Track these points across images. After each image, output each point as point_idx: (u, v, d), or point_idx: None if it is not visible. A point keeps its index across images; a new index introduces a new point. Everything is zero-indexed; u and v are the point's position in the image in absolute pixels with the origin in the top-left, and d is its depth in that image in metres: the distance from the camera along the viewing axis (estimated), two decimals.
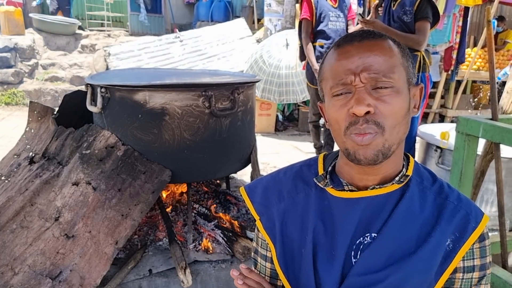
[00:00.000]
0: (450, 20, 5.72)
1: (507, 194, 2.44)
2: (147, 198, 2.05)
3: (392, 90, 0.73)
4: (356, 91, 0.73)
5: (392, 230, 0.77)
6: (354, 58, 0.74)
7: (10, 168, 2.37)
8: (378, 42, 0.76)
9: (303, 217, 0.85)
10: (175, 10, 11.20)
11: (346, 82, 0.74)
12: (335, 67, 0.76)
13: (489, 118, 1.71)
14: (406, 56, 0.78)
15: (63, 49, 8.28)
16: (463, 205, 0.80)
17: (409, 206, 0.79)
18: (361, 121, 0.72)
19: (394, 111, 0.73)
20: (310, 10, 3.54)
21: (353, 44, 0.75)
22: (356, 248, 0.79)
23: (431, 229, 0.77)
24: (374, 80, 0.73)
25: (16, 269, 1.84)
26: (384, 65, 0.73)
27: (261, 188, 0.92)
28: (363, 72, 0.72)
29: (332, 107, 0.77)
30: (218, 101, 2.13)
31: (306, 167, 0.92)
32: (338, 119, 0.75)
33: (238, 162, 2.43)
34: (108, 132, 2.14)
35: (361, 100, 0.71)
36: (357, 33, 0.78)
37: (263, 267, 0.96)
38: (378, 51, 0.74)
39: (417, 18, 2.82)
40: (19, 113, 6.27)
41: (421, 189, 0.81)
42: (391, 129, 0.73)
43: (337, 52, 0.77)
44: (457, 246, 0.76)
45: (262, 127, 5.54)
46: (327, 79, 0.78)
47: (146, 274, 2.13)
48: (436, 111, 6.38)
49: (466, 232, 0.77)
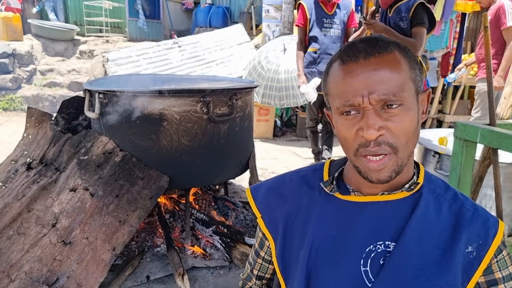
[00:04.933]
0: (448, 26, 5.75)
1: (505, 200, 2.44)
2: (144, 204, 2.04)
3: (402, 108, 0.71)
4: (366, 113, 0.71)
5: (411, 239, 0.75)
6: (360, 78, 0.71)
7: (7, 174, 2.36)
8: (384, 58, 0.71)
9: (305, 220, 0.84)
10: (173, 16, 11.24)
11: (354, 104, 0.71)
12: (341, 86, 0.73)
13: (487, 124, 1.71)
14: (414, 65, 0.75)
15: (62, 54, 8.29)
16: (480, 213, 0.78)
17: (425, 214, 0.77)
18: (373, 144, 0.70)
19: (405, 128, 0.71)
20: (303, 17, 3.63)
21: (358, 62, 0.72)
22: (366, 257, 0.76)
23: (451, 237, 0.75)
24: (383, 101, 0.70)
25: (13, 276, 1.83)
26: (393, 84, 0.70)
27: (265, 189, 0.92)
28: (372, 94, 0.70)
29: (340, 126, 0.75)
30: (216, 107, 2.13)
31: (312, 171, 0.91)
32: (348, 139, 0.74)
33: (236, 168, 2.43)
34: (106, 138, 2.13)
35: (371, 125, 0.69)
36: (362, 46, 0.73)
37: (258, 264, 0.97)
38: (386, 69, 0.70)
39: (413, 24, 2.84)
40: (17, 119, 6.26)
41: (434, 197, 0.80)
42: (404, 146, 0.72)
43: (343, 70, 0.74)
44: (482, 254, 0.75)
45: (261, 132, 5.54)
46: (333, 96, 0.76)
47: (144, 280, 2.12)
48: (433, 116, 6.39)
49: (488, 238, 0.75)
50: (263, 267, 0.97)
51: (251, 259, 0.99)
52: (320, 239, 0.80)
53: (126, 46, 8.20)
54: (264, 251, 0.94)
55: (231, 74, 5.93)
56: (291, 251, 0.85)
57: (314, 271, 0.79)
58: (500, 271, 0.76)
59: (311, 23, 3.60)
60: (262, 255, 0.95)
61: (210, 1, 10.11)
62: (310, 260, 0.80)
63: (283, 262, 0.86)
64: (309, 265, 0.80)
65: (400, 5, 2.88)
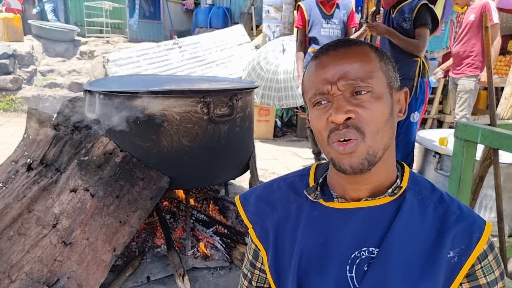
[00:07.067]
0: (448, 26, 5.76)
1: (505, 200, 2.44)
2: (145, 205, 2.04)
3: (371, 95, 0.72)
4: (335, 99, 0.73)
5: (393, 244, 0.74)
6: (329, 67, 0.74)
7: (7, 174, 2.36)
8: (353, 49, 0.75)
9: (295, 228, 0.84)
10: (173, 17, 11.25)
11: (323, 92, 0.73)
12: (313, 78, 0.76)
13: (488, 124, 1.71)
14: (385, 60, 0.77)
15: (62, 55, 8.29)
16: (466, 215, 0.77)
17: (409, 218, 0.76)
18: (341, 127, 0.71)
19: (375, 116, 0.72)
20: (302, 19, 3.63)
21: (328, 54, 0.76)
22: (351, 263, 0.76)
23: (435, 241, 0.75)
24: (352, 87, 0.72)
25: (13, 276, 1.83)
26: (360, 71, 0.72)
27: (255, 198, 0.92)
28: (340, 80, 0.72)
29: (313, 118, 0.76)
30: (216, 107, 2.13)
31: (299, 177, 0.91)
32: (320, 129, 0.75)
33: (237, 169, 2.43)
34: (106, 138, 2.14)
35: (340, 107, 0.71)
36: (333, 42, 0.78)
37: (256, 276, 0.96)
38: (354, 58, 0.73)
39: (416, 25, 2.83)
40: (17, 120, 6.26)
41: (420, 200, 0.79)
42: (373, 134, 0.72)
43: (314, 63, 0.77)
44: (463, 259, 0.74)
45: (261, 133, 5.54)
46: (307, 90, 0.78)
47: (144, 281, 2.12)
48: (434, 117, 6.40)
49: (471, 243, 0.74)
50: (261, 278, 0.96)
51: (246, 271, 0.98)
52: (308, 246, 0.80)
53: (127, 46, 8.21)
54: (260, 262, 0.94)
55: (231, 75, 5.93)
56: (283, 260, 0.84)
57: (305, 278, 0.79)
58: (485, 277, 0.75)
59: (310, 24, 3.60)
60: (259, 266, 0.94)
61: (211, 1, 10.11)
62: (300, 267, 0.80)
63: (276, 271, 0.86)
64: (300, 272, 0.80)
65: (403, 5, 2.88)
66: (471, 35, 3.83)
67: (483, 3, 3.71)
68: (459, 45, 3.95)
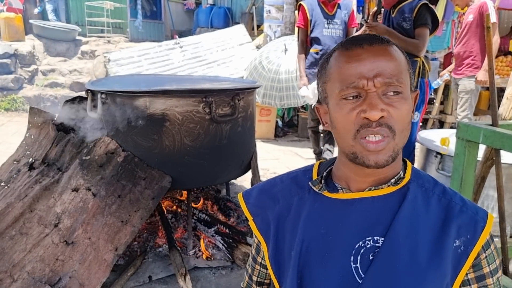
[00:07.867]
0: (449, 27, 5.75)
1: (507, 200, 2.43)
2: (147, 204, 2.05)
3: (401, 96, 0.73)
4: (368, 95, 0.72)
5: (399, 233, 0.75)
6: (366, 62, 0.73)
7: (9, 174, 2.37)
8: (387, 47, 0.75)
9: (295, 220, 0.84)
10: (175, 17, 11.25)
11: (358, 86, 0.73)
12: (344, 70, 0.75)
13: (489, 124, 1.71)
14: (408, 62, 0.79)
15: (63, 55, 8.29)
16: (468, 206, 0.79)
17: (414, 208, 0.77)
18: (375, 124, 0.72)
19: (403, 116, 0.73)
20: (304, 18, 3.61)
21: (363, 47, 0.74)
22: (355, 253, 0.76)
23: (440, 231, 0.76)
24: (387, 85, 0.72)
25: (15, 275, 1.83)
26: (396, 70, 0.73)
27: (256, 191, 0.93)
28: (377, 77, 0.72)
29: (339, 110, 0.76)
30: (218, 107, 2.14)
31: (302, 172, 0.92)
32: (346, 123, 0.75)
33: (238, 168, 2.43)
34: (108, 138, 2.14)
35: (375, 105, 0.71)
36: (365, 36, 0.77)
37: (257, 271, 0.96)
38: (390, 56, 0.74)
39: (416, 25, 2.83)
40: (19, 119, 6.27)
41: (423, 191, 0.80)
42: (400, 133, 0.74)
43: (347, 55, 0.76)
44: (469, 248, 0.75)
45: (262, 133, 5.54)
46: (334, 81, 0.77)
47: (146, 281, 2.13)
48: (435, 117, 6.39)
49: (476, 232, 0.76)
50: (261, 273, 0.97)
51: (249, 266, 0.99)
52: (310, 237, 0.81)
53: (128, 46, 8.21)
54: (260, 257, 0.94)
55: (232, 75, 5.93)
56: (283, 251, 0.85)
57: (306, 269, 0.79)
58: (489, 266, 0.77)
59: (312, 24, 3.59)
60: (259, 261, 0.95)
61: (212, 1, 10.11)
62: (301, 258, 0.80)
63: (276, 263, 0.86)
64: (301, 263, 0.80)
65: (403, 5, 2.88)
66: (470, 35, 3.85)
67: (480, 4, 3.72)
68: (460, 45, 3.96)
